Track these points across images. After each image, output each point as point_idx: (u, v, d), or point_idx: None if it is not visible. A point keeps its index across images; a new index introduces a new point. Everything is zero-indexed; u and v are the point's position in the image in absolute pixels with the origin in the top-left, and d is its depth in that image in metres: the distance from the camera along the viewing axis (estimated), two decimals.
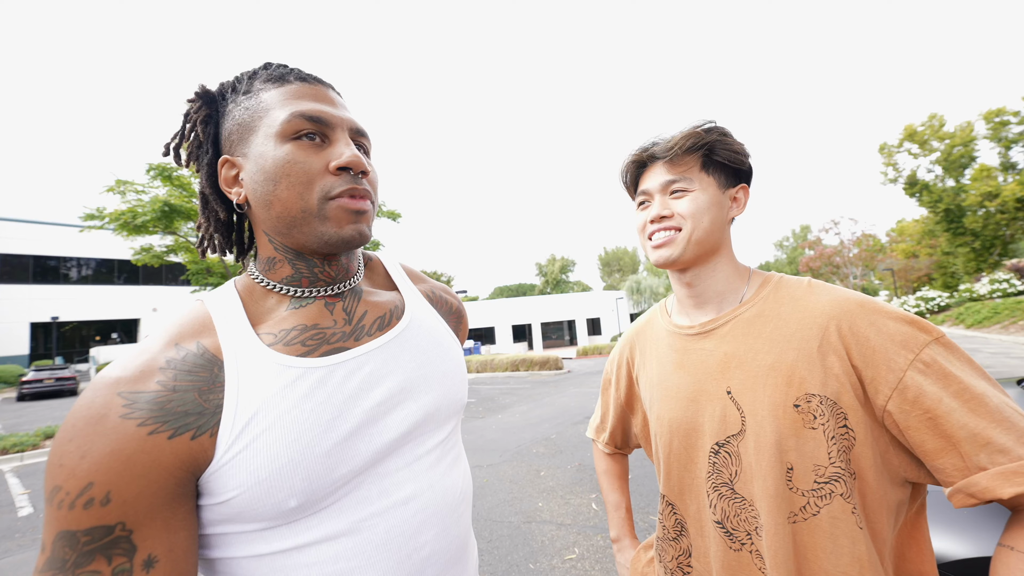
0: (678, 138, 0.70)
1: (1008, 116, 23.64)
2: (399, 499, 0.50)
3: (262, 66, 0.55)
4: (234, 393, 0.45)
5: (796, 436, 0.60)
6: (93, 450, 0.39)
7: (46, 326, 27.78)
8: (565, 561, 2.74)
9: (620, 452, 1.00)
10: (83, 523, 0.38)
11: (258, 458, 0.44)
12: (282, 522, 0.46)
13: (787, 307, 0.66)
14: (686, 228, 0.69)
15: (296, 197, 0.49)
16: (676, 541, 0.74)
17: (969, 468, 0.52)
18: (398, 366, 0.55)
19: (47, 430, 7.67)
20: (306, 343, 0.50)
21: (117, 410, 0.41)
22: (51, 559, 0.38)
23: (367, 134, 0.57)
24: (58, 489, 0.38)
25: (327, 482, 0.46)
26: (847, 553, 0.57)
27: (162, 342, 0.46)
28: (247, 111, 0.52)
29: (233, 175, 0.53)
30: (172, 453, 0.41)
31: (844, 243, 32.41)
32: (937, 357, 0.56)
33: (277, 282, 0.54)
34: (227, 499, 0.44)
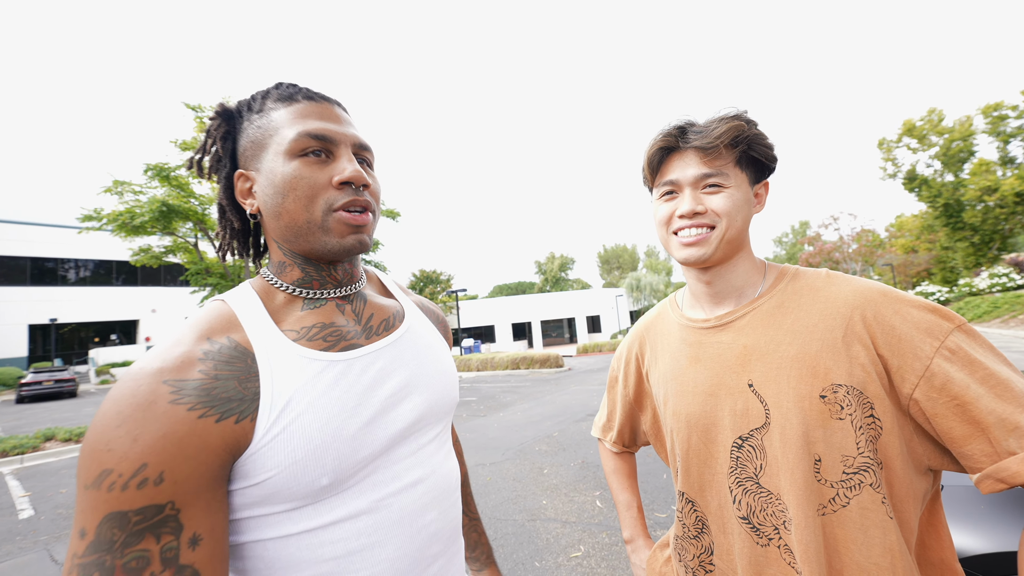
0: (722, 129, 0.64)
1: (1007, 110, 23.64)
2: (409, 482, 0.56)
3: (274, 86, 0.59)
4: (269, 382, 0.49)
5: (823, 427, 0.59)
6: (145, 433, 0.41)
7: (44, 328, 27.72)
8: (571, 559, 2.73)
9: (628, 451, 0.97)
10: (136, 503, 0.40)
11: (294, 440, 0.48)
12: (311, 501, 0.49)
13: (807, 298, 0.65)
14: (720, 226, 0.65)
15: (302, 209, 0.54)
16: (697, 539, 0.73)
17: (999, 453, 0.52)
18: (403, 363, 0.60)
19: (47, 432, 7.65)
20: (326, 339, 0.55)
21: (165, 396, 0.43)
22: (96, 542, 0.39)
23: (370, 147, 0.60)
24: (108, 472, 0.40)
25: (352, 463, 0.51)
26: (879, 544, 0.56)
27: (193, 336, 0.49)
28: (259, 129, 0.57)
29: (247, 187, 0.58)
30: (219, 436, 0.44)
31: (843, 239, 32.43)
32: (962, 344, 0.56)
33: (290, 284, 0.58)
34: (262, 480, 0.47)
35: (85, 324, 29.63)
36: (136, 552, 0.39)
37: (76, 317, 28.47)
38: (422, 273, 35.41)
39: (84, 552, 0.39)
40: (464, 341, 25.71)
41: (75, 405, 15.02)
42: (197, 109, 11.18)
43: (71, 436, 7.60)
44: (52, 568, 3.15)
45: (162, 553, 0.40)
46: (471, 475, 4.50)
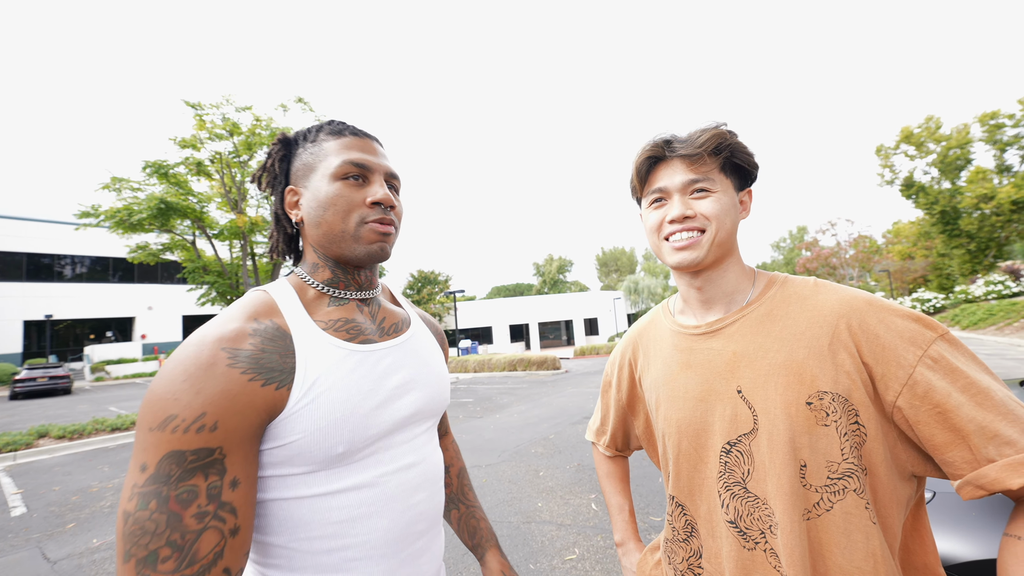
0: (705, 137, 0.68)
1: (1003, 119, 23.82)
2: (404, 465, 0.65)
3: (327, 122, 0.72)
4: (303, 360, 0.59)
5: (809, 433, 0.60)
6: (206, 388, 0.50)
7: (39, 324, 27.56)
8: (565, 561, 2.73)
9: (621, 454, 0.98)
10: (192, 444, 0.49)
11: (320, 410, 0.57)
12: (325, 467, 0.58)
13: (795, 306, 0.66)
14: (710, 230, 0.68)
15: (339, 221, 0.65)
16: (686, 542, 0.73)
17: (978, 460, 0.53)
18: (408, 362, 0.70)
19: (40, 429, 7.60)
20: (349, 331, 0.66)
21: (224, 360, 0.53)
22: (155, 475, 0.48)
23: (399, 176, 0.73)
24: (173, 417, 0.49)
25: (363, 438, 0.61)
26: (861, 548, 0.57)
27: (243, 316, 0.59)
28: (311, 155, 0.69)
29: (294, 201, 0.70)
30: (262, 398, 0.54)
31: (841, 244, 32.58)
32: (944, 353, 0.57)
33: (320, 282, 0.69)
34: (289, 442, 0.56)
35: (81, 321, 29.48)
36: (188, 486, 0.48)
37: (72, 314, 28.32)
38: (420, 273, 35.39)
39: (144, 483, 0.47)
40: (461, 342, 25.70)
41: (69, 402, 14.93)
42: (197, 107, 11.16)
43: (65, 433, 7.55)
44: (44, 566, 3.13)
45: (208, 489, 0.49)
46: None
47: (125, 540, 0.46)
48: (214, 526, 0.49)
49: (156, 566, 0.46)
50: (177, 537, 0.47)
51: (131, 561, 0.46)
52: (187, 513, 0.48)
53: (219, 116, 11.47)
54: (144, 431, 0.49)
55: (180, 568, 0.46)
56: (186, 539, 0.47)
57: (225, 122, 11.46)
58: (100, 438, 7.66)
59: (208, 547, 0.48)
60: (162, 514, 0.47)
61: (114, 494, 4.71)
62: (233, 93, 11.55)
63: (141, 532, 0.46)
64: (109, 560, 3.16)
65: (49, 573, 3.02)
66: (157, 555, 0.46)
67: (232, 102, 11.48)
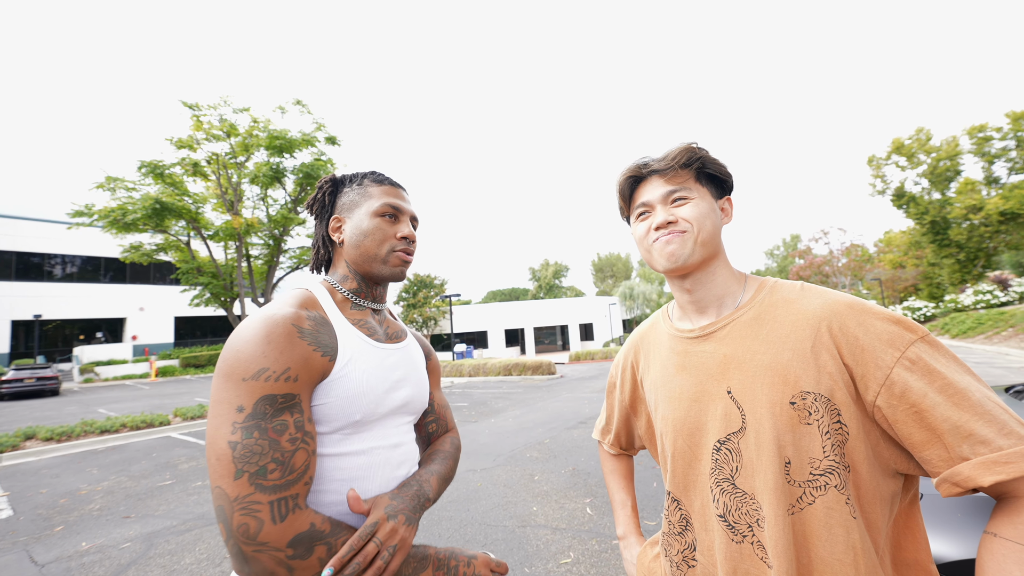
0: (675, 152, 0.75)
1: (991, 132, 24.28)
2: (393, 443, 0.81)
3: (371, 172, 0.91)
4: (341, 343, 0.76)
5: (793, 432, 0.63)
6: (287, 351, 0.68)
7: (28, 324, 27.15)
8: (560, 565, 2.73)
9: (625, 453, 1.02)
10: (282, 390, 0.65)
11: (350, 382, 0.74)
12: (341, 429, 0.74)
13: (782, 310, 0.69)
14: (691, 231, 0.73)
15: (375, 246, 0.85)
16: (681, 535, 0.76)
17: (953, 459, 0.55)
18: (404, 364, 0.87)
19: (27, 431, 7.48)
20: (367, 330, 0.84)
21: (296, 334, 0.70)
22: (253, 413, 0.63)
23: (418, 218, 0.94)
24: (265, 369, 0.65)
25: (375, 412, 0.78)
26: (842, 541, 0.60)
27: (297, 304, 0.76)
28: (358, 195, 0.88)
29: (337, 226, 0.88)
30: (320, 363, 0.72)
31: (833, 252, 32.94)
32: (922, 354, 0.59)
33: (347, 290, 0.87)
34: (324, 403, 0.72)
35: (70, 321, 29.09)
36: (280, 420, 0.64)
37: (61, 314, 27.94)
38: (416, 277, 35.27)
39: (245, 420, 0.62)
40: (456, 346, 25.58)
41: (57, 404, 14.69)
42: (195, 108, 11.13)
43: (52, 435, 7.44)
44: (31, 569, 3.08)
45: (295, 423, 0.66)
46: (460, 481, 4.49)
47: (236, 462, 0.60)
48: (302, 447, 0.65)
49: (266, 476, 0.61)
50: (279, 455, 0.62)
51: (243, 477, 0.60)
52: (283, 439, 0.63)
53: (216, 117, 11.45)
54: (236, 381, 0.64)
55: (284, 475, 0.62)
56: (285, 456, 0.63)
57: (222, 123, 11.44)
58: (89, 440, 7.54)
59: (301, 461, 0.64)
60: (264, 439, 0.62)
61: (103, 497, 4.64)
62: (231, 94, 11.58)
63: (251, 454, 0.61)
64: (99, 563, 3.11)
65: (37, 575, 2.97)
66: (266, 469, 0.61)
67: (230, 103, 11.46)
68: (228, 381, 0.64)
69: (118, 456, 6.58)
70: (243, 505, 0.58)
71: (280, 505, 0.60)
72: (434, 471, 0.87)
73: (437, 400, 1.03)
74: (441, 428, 1.02)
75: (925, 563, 0.64)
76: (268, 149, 11.37)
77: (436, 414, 1.01)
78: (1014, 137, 23.43)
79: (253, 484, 0.59)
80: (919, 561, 0.64)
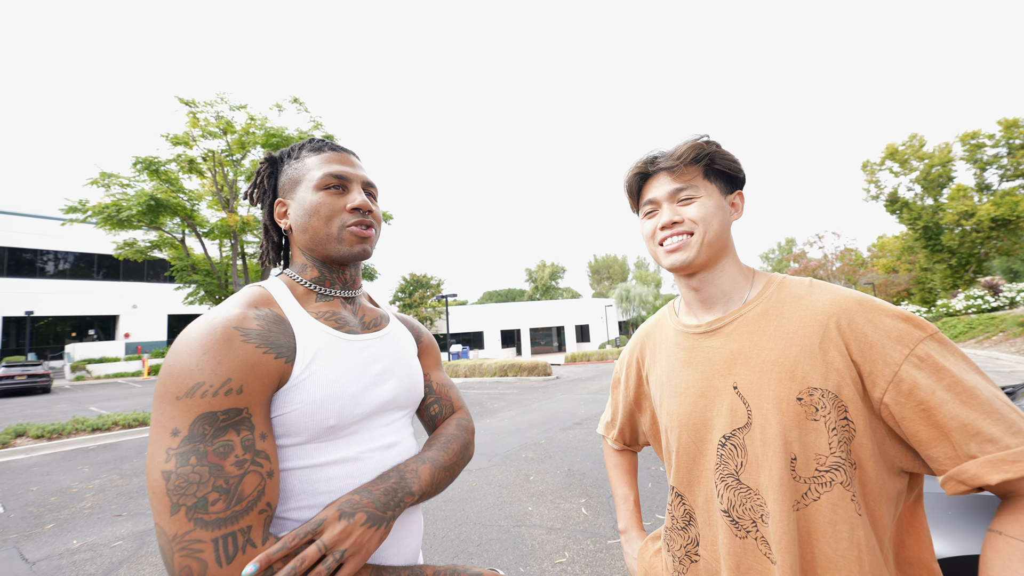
0: (683, 149, 0.74)
1: (983, 139, 24.55)
2: (384, 444, 0.72)
3: (308, 140, 0.80)
4: (302, 341, 0.66)
5: (799, 428, 0.63)
6: (226, 359, 0.57)
7: (19, 320, 26.82)
8: (555, 565, 2.73)
9: (629, 449, 1.02)
10: (223, 406, 0.55)
11: (315, 385, 0.64)
12: (316, 439, 0.64)
13: (790, 305, 0.69)
14: (698, 232, 0.72)
15: (323, 225, 0.73)
16: (684, 530, 0.76)
17: (960, 457, 0.55)
18: (387, 355, 0.77)
19: (18, 428, 7.39)
20: (336, 322, 0.73)
21: (238, 337, 0.60)
22: (190, 436, 0.53)
23: (375, 184, 0.81)
24: (200, 384, 0.55)
25: (351, 415, 0.67)
26: (846, 538, 0.60)
27: (243, 304, 0.65)
28: (296, 170, 0.77)
29: (282, 211, 0.78)
30: (275, 368, 0.61)
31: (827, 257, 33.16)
32: (931, 352, 0.59)
33: (308, 280, 0.76)
34: (288, 412, 0.62)
35: (62, 318, 28.77)
36: (223, 441, 0.54)
37: (53, 311, 27.63)
38: (412, 277, 35.20)
39: (180, 444, 0.53)
40: (452, 347, 25.51)
41: (48, 401, 14.53)
42: (191, 104, 11.05)
43: (43, 433, 7.35)
44: (22, 566, 3.05)
45: (242, 442, 0.56)
46: (457, 481, 4.48)
47: (170, 495, 0.51)
48: (254, 470, 0.56)
49: (207, 509, 0.51)
50: (222, 483, 0.53)
51: (180, 511, 0.51)
52: (227, 463, 0.54)
53: (213, 114, 11.38)
54: (170, 401, 0.55)
55: (231, 506, 0.53)
56: (230, 483, 0.53)
57: (219, 120, 11.37)
58: (80, 438, 7.46)
59: (252, 487, 0.55)
60: (203, 466, 0.53)
61: (95, 495, 4.60)
62: (228, 91, 11.45)
63: (187, 484, 0.52)
64: (90, 561, 3.08)
65: (28, 574, 2.94)
66: (206, 500, 0.52)
67: (227, 100, 11.40)
68: (162, 401, 0.55)
69: (110, 454, 6.51)
70: (182, 545, 0.50)
71: (226, 543, 0.51)
72: (427, 459, 0.74)
73: (437, 381, 0.91)
74: (446, 409, 0.90)
75: (928, 561, 0.64)
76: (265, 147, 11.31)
77: (437, 395, 0.89)
78: (1006, 144, 23.71)
79: (192, 519, 0.50)
80: (922, 560, 0.64)
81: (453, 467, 0.78)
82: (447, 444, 0.80)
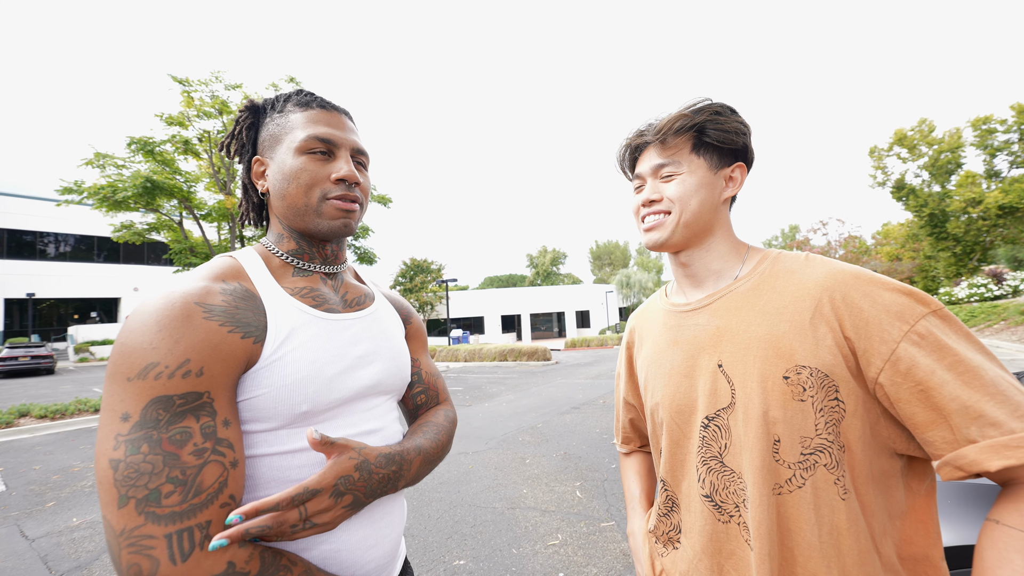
0: (666, 121, 0.70)
1: (995, 124, 24.07)
2: (364, 431, 0.66)
3: (295, 91, 0.70)
4: (273, 319, 0.60)
5: (783, 408, 0.59)
6: (185, 338, 0.51)
7: (21, 302, 26.96)
8: (548, 547, 2.76)
9: (638, 450, 0.96)
10: (180, 389, 0.50)
11: (288, 368, 0.59)
12: (288, 425, 0.59)
13: (782, 280, 0.65)
14: (675, 212, 0.70)
15: (302, 195, 0.66)
16: (667, 517, 0.75)
17: (958, 441, 0.52)
18: (370, 335, 0.71)
19: (21, 408, 7.47)
20: (314, 299, 0.67)
21: (199, 313, 0.54)
22: (142, 422, 0.48)
23: (366, 152, 0.73)
24: (155, 364, 0.50)
25: (327, 400, 0.62)
26: (827, 523, 0.57)
27: (209, 277, 0.59)
28: (278, 126, 0.69)
29: (261, 171, 0.70)
30: (241, 348, 0.56)
31: (831, 244, 32.96)
32: (933, 329, 0.55)
33: (285, 252, 0.70)
34: (258, 395, 0.57)
35: (64, 300, 28.90)
36: (180, 428, 0.49)
37: (55, 293, 27.73)
38: (412, 261, 35.13)
39: (130, 430, 0.48)
40: (453, 332, 25.61)
41: (52, 382, 14.69)
42: (185, 83, 10.84)
43: (47, 413, 7.44)
44: (22, 543, 3.09)
45: (202, 429, 0.51)
46: (452, 463, 4.52)
47: (118, 486, 0.46)
48: (215, 460, 0.51)
49: (160, 502, 0.47)
50: (178, 473, 0.48)
51: (129, 504, 0.46)
52: (184, 451, 0.49)
53: (208, 93, 11.16)
54: (120, 382, 0.49)
55: (187, 499, 0.48)
56: (187, 474, 0.48)
57: (214, 100, 11.16)
58: (83, 419, 7.55)
59: (212, 478, 0.50)
60: (156, 455, 0.48)
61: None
62: (223, 70, 11.17)
63: (137, 475, 0.47)
64: (89, 539, 3.13)
65: (27, 551, 2.98)
66: (159, 492, 0.47)
67: (222, 79, 11.17)
68: (112, 382, 0.50)
69: None
70: (131, 541, 0.45)
71: (181, 539, 0.47)
72: (421, 449, 0.70)
73: (425, 367, 0.85)
74: (431, 399, 0.85)
75: (935, 559, 0.60)
76: None
77: (424, 383, 0.84)
78: (1018, 130, 23.25)
79: (142, 513, 0.46)
80: (929, 556, 0.60)
81: (435, 461, 0.75)
82: (437, 436, 0.76)
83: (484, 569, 2.54)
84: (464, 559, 2.66)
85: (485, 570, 2.53)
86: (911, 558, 0.60)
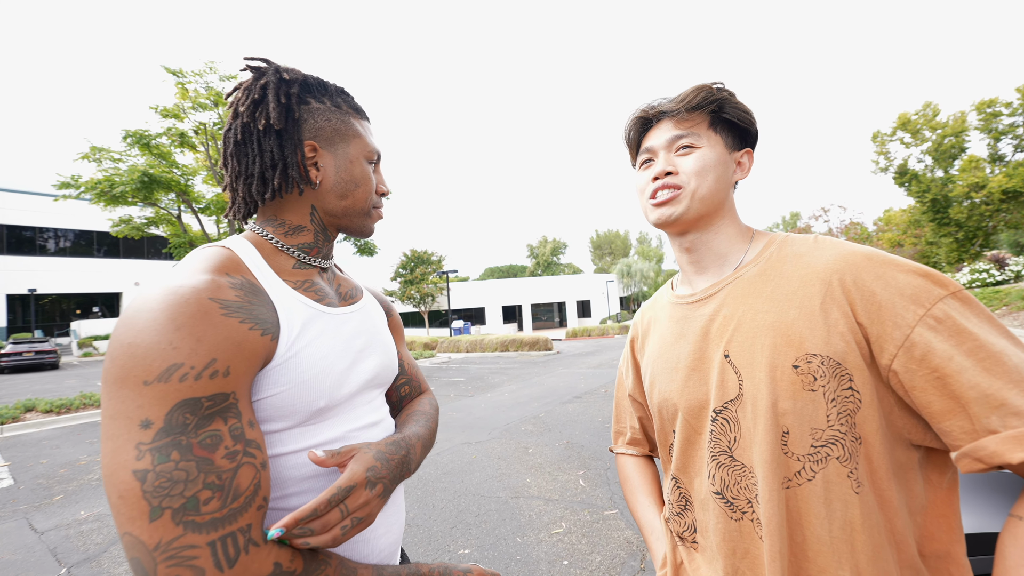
0: (689, 92, 0.68)
1: (1000, 107, 23.74)
2: (368, 423, 0.68)
3: (343, 91, 0.71)
4: (284, 314, 0.58)
5: (793, 398, 0.57)
6: (207, 336, 0.48)
7: (23, 298, 27.04)
8: (552, 535, 2.78)
9: (645, 455, 0.91)
10: (208, 391, 0.47)
11: (303, 364, 0.58)
12: (304, 422, 0.58)
13: (790, 264, 0.62)
14: (690, 185, 0.66)
15: (363, 200, 0.70)
16: (681, 516, 0.72)
17: (977, 431, 0.48)
18: (365, 329, 0.72)
19: (27, 403, 7.52)
20: (316, 293, 0.66)
21: (216, 310, 0.51)
22: (167, 428, 0.45)
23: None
24: (179, 365, 0.46)
25: (339, 395, 0.62)
26: (839, 517, 0.55)
27: (209, 270, 0.55)
28: (341, 123, 0.68)
29: (313, 160, 0.66)
30: (261, 345, 0.53)
31: (833, 231, 32.79)
32: (951, 312, 0.52)
33: (291, 245, 0.67)
34: (274, 394, 0.55)
35: (66, 295, 28.97)
36: (209, 431, 0.47)
37: (56, 288, 27.79)
38: (413, 253, 35.02)
39: (154, 438, 0.44)
40: (454, 323, 25.69)
41: (56, 377, 14.78)
42: (179, 74, 10.69)
43: (52, 408, 7.49)
44: (31, 536, 3.13)
45: (231, 431, 0.49)
46: (456, 453, 4.55)
47: (149, 497, 0.43)
48: (247, 462, 0.49)
49: (199, 509, 0.44)
50: (214, 479, 0.46)
51: (164, 515, 0.43)
52: (216, 456, 0.47)
53: (203, 85, 11.01)
54: (134, 387, 0.45)
55: (227, 504, 0.46)
56: (223, 479, 0.47)
57: (209, 91, 11.02)
58: (88, 412, 7.61)
59: (247, 480, 0.49)
60: (189, 462, 0.45)
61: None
62: (217, 61, 10.99)
63: (171, 483, 0.44)
64: (97, 531, 3.16)
65: (36, 543, 3.02)
66: (197, 499, 0.45)
67: (216, 71, 11.01)
68: (122, 387, 0.45)
69: None
70: (170, 554, 0.43)
71: (226, 545, 0.45)
72: (419, 435, 0.72)
73: (406, 359, 0.88)
74: (414, 390, 0.88)
75: (958, 555, 0.57)
76: None
77: (408, 375, 0.87)
78: (1023, 113, 22.97)
79: (180, 523, 0.43)
80: (951, 553, 0.57)
81: (430, 447, 0.77)
82: (428, 423, 0.79)
83: (489, 558, 2.56)
84: (468, 548, 2.69)
85: (490, 559, 2.55)
86: (933, 555, 0.57)
